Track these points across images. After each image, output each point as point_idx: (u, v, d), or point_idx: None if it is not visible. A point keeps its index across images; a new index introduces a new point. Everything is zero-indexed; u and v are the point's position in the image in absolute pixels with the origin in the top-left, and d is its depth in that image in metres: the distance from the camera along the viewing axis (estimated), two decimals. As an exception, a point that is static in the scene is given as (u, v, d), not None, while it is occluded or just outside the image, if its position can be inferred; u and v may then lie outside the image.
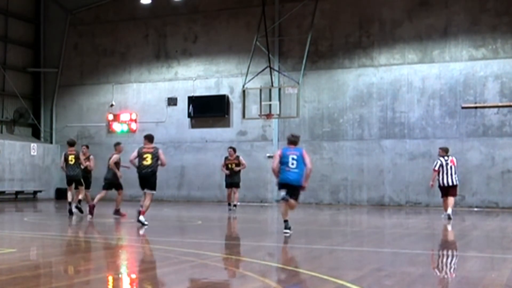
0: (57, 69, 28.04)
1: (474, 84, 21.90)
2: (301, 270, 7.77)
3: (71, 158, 16.63)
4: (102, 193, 16.18)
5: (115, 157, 16.04)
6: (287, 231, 11.96)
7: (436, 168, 16.07)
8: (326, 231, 14.19)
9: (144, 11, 26.51)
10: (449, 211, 15.83)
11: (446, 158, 16.13)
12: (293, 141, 12.15)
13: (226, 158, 19.11)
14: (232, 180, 18.80)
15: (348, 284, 6.73)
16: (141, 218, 13.49)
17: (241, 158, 19.06)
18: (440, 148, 16.57)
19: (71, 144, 17.08)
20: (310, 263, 8.83)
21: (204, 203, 24.21)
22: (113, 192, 16.38)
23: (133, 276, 7.70)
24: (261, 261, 8.70)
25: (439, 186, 16.15)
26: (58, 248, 10.56)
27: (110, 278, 7.42)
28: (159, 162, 13.71)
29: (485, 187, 21.49)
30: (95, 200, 16.00)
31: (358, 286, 6.69)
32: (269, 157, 23.70)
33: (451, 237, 13.06)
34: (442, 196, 16.26)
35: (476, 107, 21.50)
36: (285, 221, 12.06)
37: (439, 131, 22.22)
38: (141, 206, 13.66)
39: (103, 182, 16.27)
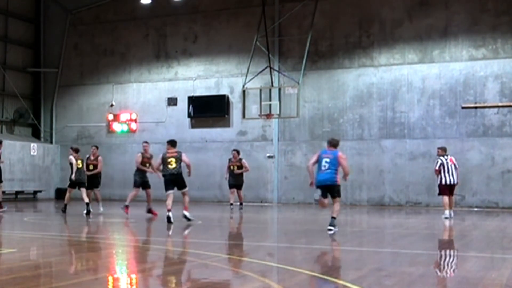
0: (57, 69, 28.04)
1: (474, 84, 21.90)
2: (301, 270, 7.77)
3: (79, 162, 17.53)
4: (134, 191, 16.85)
5: (138, 156, 17.12)
6: (331, 228, 12.26)
7: (437, 168, 16.26)
8: (326, 231, 14.19)
9: (144, 11, 26.51)
10: (451, 212, 16.17)
11: (445, 157, 16.30)
12: (332, 144, 12.65)
13: (229, 160, 19.48)
14: (236, 182, 19.28)
15: (348, 284, 6.73)
16: (186, 213, 14.61)
17: (244, 161, 19.41)
18: (439, 148, 16.77)
19: (77, 150, 17.82)
20: (310, 263, 8.83)
21: (204, 203, 24.20)
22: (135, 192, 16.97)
23: (133, 276, 7.70)
24: (261, 261, 8.70)
25: (441, 184, 16.29)
26: (58, 248, 10.56)
27: (110, 278, 7.42)
28: (182, 164, 14.82)
29: (485, 187, 21.48)
30: (128, 200, 16.68)
31: (358, 286, 6.69)
32: (269, 157, 23.73)
33: (451, 237, 13.05)
34: (441, 194, 16.35)
35: (476, 107, 21.50)
36: (332, 217, 12.46)
37: (439, 131, 22.22)
38: (168, 205, 14.52)
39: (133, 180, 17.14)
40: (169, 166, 14.50)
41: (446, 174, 16.13)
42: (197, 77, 25.77)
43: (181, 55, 26.15)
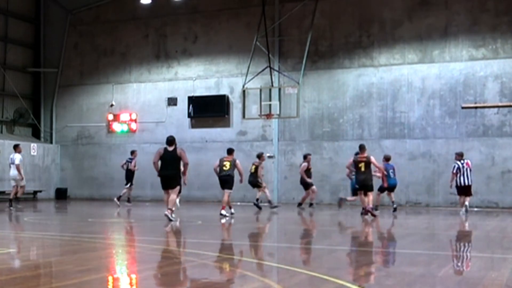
0: (57, 69, 28.04)
1: (474, 84, 21.90)
2: (301, 270, 7.77)
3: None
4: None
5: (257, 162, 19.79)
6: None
7: (454, 171, 18.31)
8: (326, 231, 14.19)
9: (144, 11, 26.51)
10: (466, 203, 18.31)
11: (462, 161, 18.28)
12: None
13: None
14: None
15: (348, 284, 6.73)
16: (223, 211, 16.66)
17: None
18: (456, 153, 18.85)
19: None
20: (310, 263, 8.83)
21: (204, 203, 24.21)
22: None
23: (133, 276, 7.70)
24: (261, 261, 8.70)
25: (457, 186, 18.39)
26: (58, 248, 10.56)
27: (110, 278, 7.42)
28: (235, 168, 16.98)
29: (485, 187, 21.48)
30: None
31: (358, 286, 6.69)
32: (269, 157, 23.71)
33: (451, 237, 13.05)
34: (460, 194, 18.56)
35: (476, 107, 21.50)
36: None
37: (439, 131, 22.22)
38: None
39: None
40: (224, 168, 16.94)
41: (462, 177, 18.16)
42: (197, 77, 25.77)
43: (181, 55, 26.15)
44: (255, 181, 20.15)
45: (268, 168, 24.30)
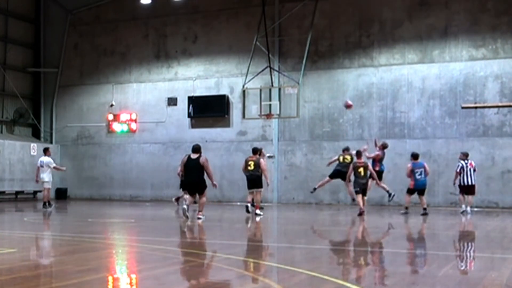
0: (57, 69, 28.03)
1: (474, 84, 21.90)
2: (301, 270, 7.77)
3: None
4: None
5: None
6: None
7: (458, 170, 18.54)
8: (326, 231, 14.19)
9: (144, 11, 26.50)
10: (468, 209, 18.54)
11: (466, 161, 18.53)
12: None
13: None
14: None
15: (348, 284, 6.73)
16: (258, 211, 17.13)
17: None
18: (461, 153, 19.08)
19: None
20: (310, 263, 8.83)
21: (204, 203, 24.18)
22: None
23: (133, 276, 7.70)
24: (261, 261, 8.70)
25: (460, 185, 18.66)
26: (58, 248, 10.56)
27: (110, 278, 7.42)
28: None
29: (485, 187, 21.46)
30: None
31: (358, 286, 6.69)
32: (269, 157, 23.69)
33: (451, 237, 13.05)
34: (461, 193, 18.77)
35: (476, 107, 21.50)
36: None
37: (439, 131, 22.22)
38: (251, 204, 17.53)
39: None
40: (248, 168, 17.47)
41: (465, 176, 18.45)
42: (197, 77, 25.76)
43: (181, 55, 26.14)
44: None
45: (268, 168, 24.29)
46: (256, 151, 18.01)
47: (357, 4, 23.57)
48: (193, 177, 15.23)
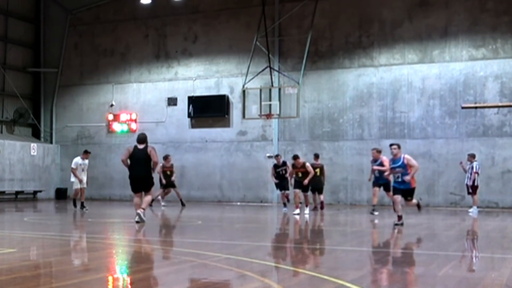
0: (57, 69, 28.04)
1: (474, 84, 21.90)
2: (301, 270, 7.77)
3: None
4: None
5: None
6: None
7: (476, 171, 18.97)
8: (326, 231, 14.19)
9: (144, 11, 26.51)
10: (474, 209, 18.99)
11: (473, 163, 19.04)
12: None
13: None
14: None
15: (348, 284, 6.73)
16: (297, 210, 17.84)
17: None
18: (469, 154, 19.45)
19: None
20: (310, 263, 8.83)
21: (204, 203, 24.21)
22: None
23: (133, 276, 7.70)
24: (261, 261, 8.70)
25: (476, 185, 19.11)
26: (58, 248, 10.56)
27: (110, 278, 7.42)
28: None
29: (485, 187, 21.46)
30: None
31: (358, 286, 6.69)
32: (269, 157, 23.71)
33: (450, 237, 13.05)
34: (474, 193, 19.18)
35: (476, 107, 21.50)
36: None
37: (439, 131, 22.23)
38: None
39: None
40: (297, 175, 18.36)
41: (467, 176, 19.20)
42: (197, 77, 25.76)
43: (181, 55, 26.14)
44: (321, 184, 19.64)
45: (268, 168, 24.28)
46: (292, 158, 18.72)
47: (357, 4, 23.57)
48: (140, 171, 13.92)
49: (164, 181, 21.17)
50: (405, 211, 20.37)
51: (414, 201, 14.20)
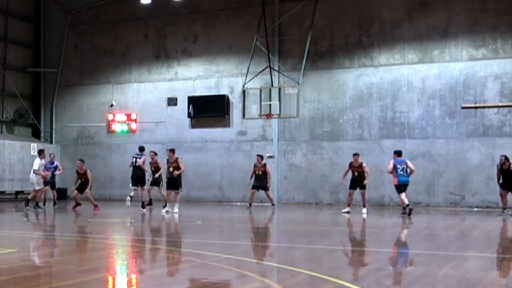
0: (57, 69, 28.03)
1: (474, 84, 21.90)
2: (301, 270, 7.77)
3: None
4: None
5: None
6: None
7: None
8: (326, 231, 14.19)
9: (144, 11, 26.50)
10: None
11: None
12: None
13: (255, 166, 20.26)
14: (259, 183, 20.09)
15: (348, 284, 6.73)
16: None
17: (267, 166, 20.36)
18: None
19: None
20: (310, 263, 8.83)
21: (204, 203, 24.22)
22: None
23: (133, 276, 7.70)
24: (261, 261, 8.70)
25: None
26: (58, 248, 10.56)
27: (110, 278, 7.42)
28: None
29: (485, 187, 21.47)
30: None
31: (358, 286, 6.69)
32: (269, 157, 23.70)
33: (451, 237, 13.05)
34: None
35: (476, 107, 21.49)
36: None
37: (439, 131, 22.22)
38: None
39: None
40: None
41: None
42: (197, 77, 25.76)
43: (181, 55, 26.14)
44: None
45: (268, 168, 24.29)
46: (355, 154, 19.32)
47: (357, 4, 23.56)
48: None
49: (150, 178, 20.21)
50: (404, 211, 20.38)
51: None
